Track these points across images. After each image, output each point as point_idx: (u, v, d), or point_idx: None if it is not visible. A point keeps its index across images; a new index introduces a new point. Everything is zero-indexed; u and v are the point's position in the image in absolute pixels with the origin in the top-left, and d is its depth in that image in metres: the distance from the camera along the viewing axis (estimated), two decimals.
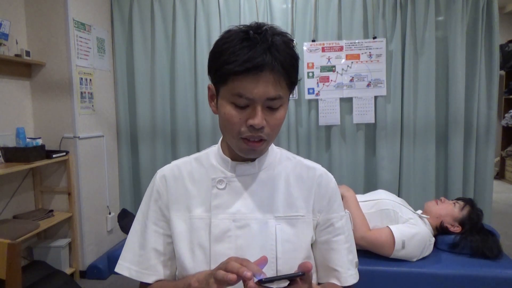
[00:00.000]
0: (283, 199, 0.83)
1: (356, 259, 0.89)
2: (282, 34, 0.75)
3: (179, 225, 0.82)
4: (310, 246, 0.85)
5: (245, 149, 0.77)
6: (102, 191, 2.87)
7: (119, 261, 0.85)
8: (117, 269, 0.84)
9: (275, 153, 0.88)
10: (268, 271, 0.77)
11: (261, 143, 0.76)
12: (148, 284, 0.83)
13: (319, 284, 0.87)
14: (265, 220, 0.80)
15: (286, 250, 0.79)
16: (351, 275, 0.85)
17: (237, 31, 0.74)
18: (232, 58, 0.70)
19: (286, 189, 0.84)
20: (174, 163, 0.89)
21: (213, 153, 0.88)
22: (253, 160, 0.83)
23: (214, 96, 0.80)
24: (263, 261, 0.67)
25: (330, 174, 0.90)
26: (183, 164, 0.88)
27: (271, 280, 0.63)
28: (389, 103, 2.82)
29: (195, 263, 0.79)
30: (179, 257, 0.81)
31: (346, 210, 0.91)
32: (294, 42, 0.77)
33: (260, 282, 0.62)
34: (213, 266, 0.77)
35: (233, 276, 0.62)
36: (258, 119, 0.72)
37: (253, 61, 0.69)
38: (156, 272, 0.83)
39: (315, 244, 0.86)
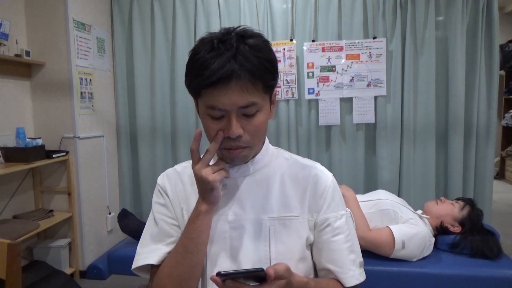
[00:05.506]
0: (277, 200, 0.83)
1: (360, 259, 0.86)
2: (253, 37, 0.73)
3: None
4: (305, 247, 0.84)
5: (228, 157, 0.79)
6: (102, 191, 2.87)
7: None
8: (133, 266, 0.83)
9: (271, 153, 0.88)
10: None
11: (242, 150, 0.77)
12: (154, 267, 0.81)
13: None
14: (259, 221, 0.81)
15: (280, 251, 0.80)
16: (353, 276, 0.82)
17: (206, 40, 0.72)
18: (199, 71, 0.70)
19: (280, 189, 0.84)
20: (175, 167, 0.92)
21: None
22: (247, 161, 0.83)
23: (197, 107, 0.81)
24: None
25: (327, 173, 0.87)
26: (183, 169, 0.90)
27: (229, 274, 0.62)
28: (389, 103, 2.81)
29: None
30: None
31: (347, 208, 0.89)
32: (269, 42, 0.75)
33: (218, 274, 0.61)
34: (208, 267, 0.80)
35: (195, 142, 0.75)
36: (232, 130, 0.72)
37: (218, 72, 0.68)
38: (158, 252, 0.81)
39: (314, 245, 0.85)
